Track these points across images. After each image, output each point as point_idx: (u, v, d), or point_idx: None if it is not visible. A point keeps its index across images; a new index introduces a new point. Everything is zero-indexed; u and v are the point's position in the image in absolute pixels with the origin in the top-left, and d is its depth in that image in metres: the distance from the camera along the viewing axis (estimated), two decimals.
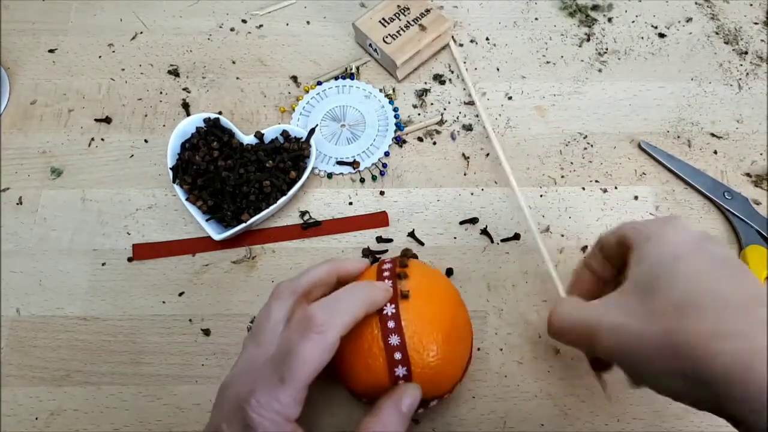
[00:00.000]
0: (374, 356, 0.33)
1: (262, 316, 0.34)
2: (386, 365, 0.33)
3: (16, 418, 0.40)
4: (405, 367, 0.33)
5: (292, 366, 0.30)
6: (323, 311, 0.31)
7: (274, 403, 0.29)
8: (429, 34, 0.50)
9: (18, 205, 0.47)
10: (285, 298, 0.34)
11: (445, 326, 0.34)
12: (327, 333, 0.30)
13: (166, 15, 0.55)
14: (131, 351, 0.42)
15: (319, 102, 0.51)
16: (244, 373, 0.32)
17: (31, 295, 0.44)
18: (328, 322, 0.30)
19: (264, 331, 0.33)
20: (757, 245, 0.44)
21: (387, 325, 0.33)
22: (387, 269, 0.36)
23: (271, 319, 0.33)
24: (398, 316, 0.33)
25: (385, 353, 0.33)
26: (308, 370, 0.30)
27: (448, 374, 0.35)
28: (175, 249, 0.45)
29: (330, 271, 0.36)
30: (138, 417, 0.40)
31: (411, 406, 0.32)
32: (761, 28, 0.55)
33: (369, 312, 0.33)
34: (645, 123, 0.50)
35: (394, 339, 0.33)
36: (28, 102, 0.51)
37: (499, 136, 0.50)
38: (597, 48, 0.54)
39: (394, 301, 0.34)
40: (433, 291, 0.36)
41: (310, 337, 0.30)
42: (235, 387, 0.31)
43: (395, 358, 0.33)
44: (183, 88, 0.52)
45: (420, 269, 0.37)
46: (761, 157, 0.49)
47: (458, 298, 0.38)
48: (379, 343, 0.33)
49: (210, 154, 0.45)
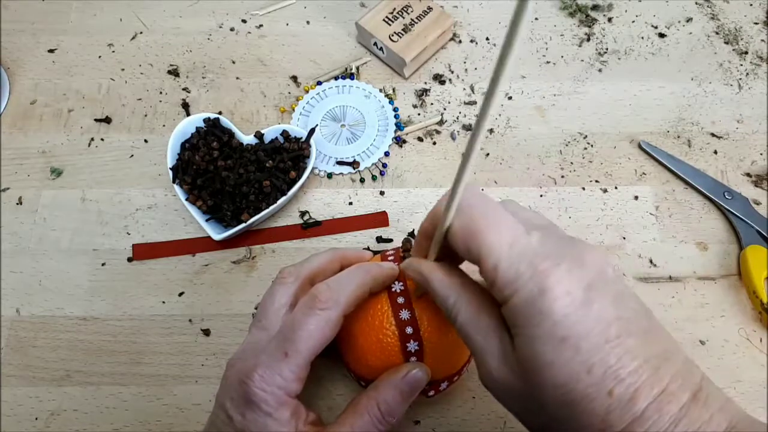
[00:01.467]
0: (385, 332, 0.33)
1: (266, 299, 0.34)
2: (398, 341, 0.33)
3: (16, 418, 0.40)
4: (417, 342, 0.33)
5: (295, 341, 0.30)
6: (327, 289, 0.31)
7: (277, 378, 0.29)
8: (434, 31, 0.50)
9: (18, 205, 0.47)
10: (289, 282, 0.34)
11: None
12: (331, 309, 0.30)
13: (166, 15, 0.55)
14: (131, 351, 0.42)
15: (319, 102, 0.51)
16: (248, 352, 0.32)
17: (31, 295, 0.44)
18: (331, 298, 0.31)
19: (268, 315, 0.33)
20: (757, 245, 0.44)
21: (396, 301, 0.33)
22: (391, 254, 0.36)
23: (275, 303, 0.33)
24: (407, 291, 0.33)
25: (396, 328, 0.33)
26: (312, 344, 0.30)
27: (458, 352, 0.35)
28: (175, 249, 0.45)
29: (333, 258, 0.36)
30: (138, 417, 0.40)
31: (413, 386, 0.32)
32: (761, 28, 0.55)
33: (374, 289, 0.33)
34: (645, 123, 0.50)
35: (404, 314, 0.33)
36: (28, 102, 0.51)
37: (499, 136, 0.50)
38: (597, 48, 0.54)
39: (401, 278, 0.34)
40: None
41: (315, 312, 0.30)
42: (239, 364, 0.31)
43: (407, 333, 0.33)
44: (183, 88, 0.52)
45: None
46: (761, 157, 0.49)
47: None
48: (390, 318, 0.33)
49: (210, 154, 0.45)
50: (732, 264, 0.45)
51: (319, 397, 0.40)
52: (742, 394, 0.41)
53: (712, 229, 0.46)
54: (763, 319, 0.42)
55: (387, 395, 0.32)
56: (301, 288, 0.34)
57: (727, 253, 0.45)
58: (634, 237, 0.46)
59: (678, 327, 0.43)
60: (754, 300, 0.43)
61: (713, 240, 0.46)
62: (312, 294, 0.31)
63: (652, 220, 0.47)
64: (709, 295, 0.44)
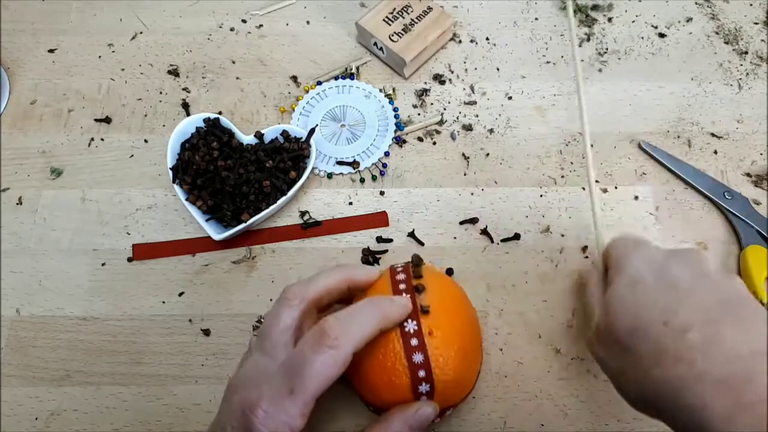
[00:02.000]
0: (398, 374, 0.33)
1: (271, 322, 0.33)
2: (410, 382, 0.33)
3: (16, 418, 0.40)
4: (429, 384, 0.33)
5: (303, 378, 0.29)
6: (338, 325, 0.30)
7: (281, 415, 0.29)
8: (434, 31, 0.50)
9: (18, 205, 0.47)
10: (294, 304, 0.33)
11: (464, 338, 0.35)
12: (340, 348, 0.30)
13: (166, 15, 0.55)
14: (131, 351, 0.42)
15: (319, 102, 0.51)
16: (253, 379, 0.31)
17: (31, 295, 0.44)
18: (342, 336, 0.30)
19: (272, 339, 0.32)
20: (757, 245, 0.44)
21: (410, 343, 0.33)
22: (402, 280, 0.35)
23: (280, 326, 0.32)
24: (421, 332, 0.33)
25: (409, 371, 0.32)
26: (319, 383, 0.29)
27: (466, 384, 0.36)
28: (175, 249, 0.45)
29: (341, 279, 0.35)
30: (138, 417, 0.40)
31: (422, 423, 0.32)
32: (761, 28, 0.55)
33: (385, 328, 0.32)
34: (645, 123, 0.50)
35: (417, 357, 0.32)
36: (28, 102, 0.51)
37: (499, 136, 0.50)
38: (597, 48, 0.54)
39: (415, 317, 0.33)
40: (451, 303, 0.36)
41: (323, 350, 0.29)
42: (244, 392, 0.31)
43: (419, 376, 0.32)
44: (183, 88, 0.52)
45: (435, 279, 0.36)
46: (761, 157, 0.49)
47: (470, 304, 0.38)
48: (403, 360, 0.32)
49: (210, 154, 0.45)
50: (732, 264, 0.45)
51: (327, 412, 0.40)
52: None
53: (712, 229, 0.46)
54: None
55: (397, 429, 0.32)
56: (307, 310, 0.33)
57: (727, 253, 0.45)
58: None
59: None
60: None
61: (713, 240, 0.46)
62: (321, 329, 0.30)
63: (652, 220, 0.47)
64: None
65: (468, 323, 0.36)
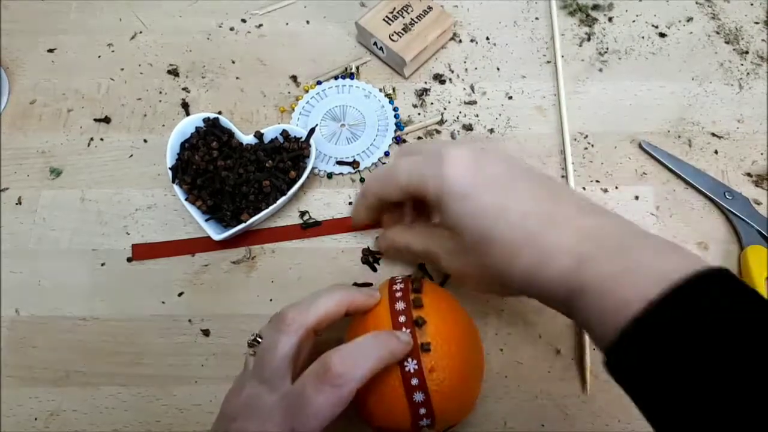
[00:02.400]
0: (398, 412, 0.32)
1: (268, 349, 0.32)
2: (410, 418, 0.33)
3: (16, 418, 0.40)
4: (429, 419, 0.33)
5: (304, 418, 0.29)
6: (341, 362, 0.30)
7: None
8: (434, 31, 0.50)
9: (17, 205, 0.47)
10: (292, 332, 0.32)
11: (466, 366, 0.34)
12: (344, 387, 0.29)
13: (166, 15, 0.55)
14: (131, 351, 0.42)
15: (318, 102, 0.51)
16: (252, 411, 0.31)
17: (30, 295, 0.44)
18: (345, 375, 0.29)
19: (270, 367, 0.31)
20: (758, 245, 0.44)
21: (410, 382, 0.32)
22: (402, 311, 0.34)
23: (278, 355, 0.31)
24: (421, 371, 0.32)
25: (409, 410, 0.32)
26: (320, 422, 0.29)
27: (468, 407, 0.36)
28: (175, 249, 0.45)
29: (341, 304, 0.34)
30: (138, 417, 0.40)
31: None
32: (762, 28, 0.55)
33: (388, 364, 0.32)
34: (645, 123, 0.50)
35: (418, 396, 0.32)
36: (27, 102, 0.51)
37: (500, 136, 0.50)
38: (597, 47, 0.54)
39: (416, 355, 0.32)
40: (453, 333, 0.35)
41: (326, 389, 0.29)
42: (243, 422, 0.30)
43: (420, 413, 0.32)
44: (182, 87, 0.52)
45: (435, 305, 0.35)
46: (762, 156, 0.49)
47: (471, 324, 0.37)
48: (403, 400, 0.32)
49: (209, 154, 0.45)
50: (732, 264, 0.45)
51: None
52: None
53: (712, 229, 0.46)
54: None
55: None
56: (306, 336, 0.33)
57: (727, 253, 0.45)
58: None
59: None
60: None
61: (714, 240, 0.46)
62: (324, 365, 0.30)
63: (652, 220, 0.47)
64: None
65: (470, 348, 0.35)
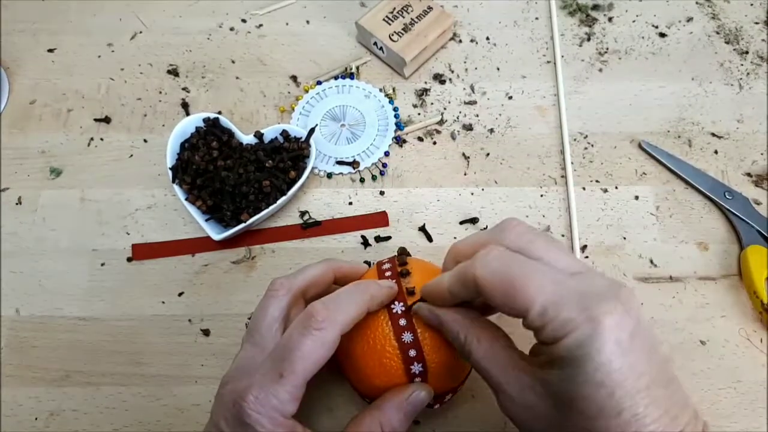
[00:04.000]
0: (389, 355, 0.33)
1: (259, 314, 0.34)
2: (402, 363, 0.32)
3: (16, 418, 0.40)
4: (420, 364, 0.32)
5: (291, 361, 0.29)
6: (324, 308, 0.30)
7: (272, 399, 0.29)
8: (434, 31, 0.50)
9: (17, 205, 0.47)
10: (281, 296, 0.33)
11: None
12: (327, 329, 0.30)
13: (166, 15, 0.55)
14: (131, 351, 0.42)
15: (318, 102, 0.51)
16: (242, 370, 0.32)
17: (30, 295, 0.44)
18: (328, 318, 0.30)
19: (260, 329, 0.33)
20: (758, 245, 0.44)
21: (398, 323, 0.33)
22: (387, 269, 0.36)
23: (267, 317, 0.33)
24: (408, 312, 0.33)
25: (399, 351, 0.32)
26: (307, 365, 0.29)
27: (461, 367, 0.35)
28: (175, 249, 0.45)
29: (327, 270, 0.36)
30: (137, 417, 0.40)
31: (416, 407, 0.32)
32: (762, 28, 0.55)
33: (371, 309, 0.32)
34: (645, 123, 0.50)
35: (407, 336, 0.32)
36: (27, 102, 0.51)
37: (500, 136, 0.50)
38: (597, 47, 0.54)
39: (401, 298, 0.33)
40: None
41: (311, 332, 0.30)
42: (233, 384, 0.31)
43: (410, 356, 0.32)
44: (182, 87, 0.52)
45: (420, 265, 0.37)
46: (762, 156, 0.49)
47: None
48: (392, 341, 0.32)
49: (209, 154, 0.45)
50: (732, 264, 0.45)
51: (319, 399, 0.40)
52: (742, 394, 0.41)
53: (712, 229, 0.46)
54: (764, 320, 0.42)
55: (390, 415, 0.32)
56: (294, 301, 0.34)
57: (727, 253, 0.45)
58: (635, 237, 0.46)
59: (678, 327, 0.43)
60: (755, 300, 0.42)
61: (714, 240, 0.46)
62: (308, 312, 0.30)
63: (652, 220, 0.47)
64: (709, 296, 0.44)
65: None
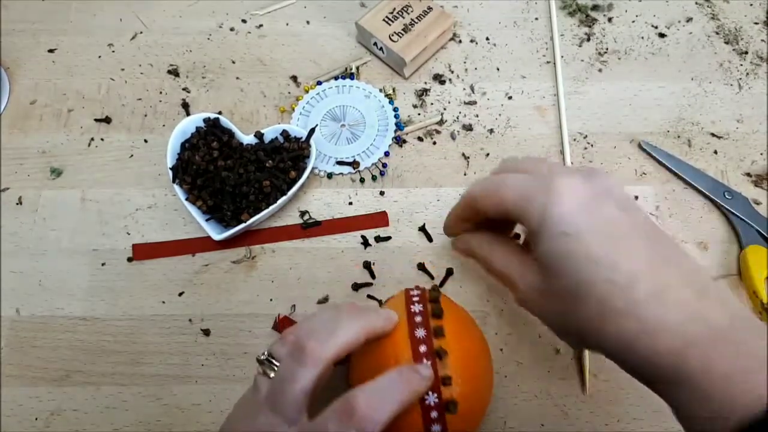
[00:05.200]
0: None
1: (286, 381, 0.30)
2: None
3: (16, 418, 0.40)
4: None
5: None
6: (367, 405, 0.28)
7: None
8: (434, 31, 0.50)
9: (18, 205, 0.47)
10: (312, 365, 0.30)
11: (483, 391, 0.34)
12: (367, 429, 0.28)
13: (166, 15, 0.55)
14: (131, 351, 0.42)
15: (319, 102, 0.51)
16: (254, 429, 0.30)
17: (31, 295, 0.44)
18: (371, 417, 0.28)
19: (287, 400, 0.29)
20: (758, 245, 0.44)
21: (430, 416, 0.31)
22: (422, 340, 0.33)
23: (297, 389, 0.30)
24: (441, 405, 0.31)
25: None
26: None
27: (479, 423, 0.35)
28: (175, 249, 0.45)
29: (360, 333, 0.32)
30: (138, 417, 0.40)
31: None
32: (761, 28, 0.55)
33: (412, 401, 0.31)
34: (645, 123, 0.50)
35: (436, 428, 0.31)
36: (27, 102, 0.51)
37: (500, 136, 0.50)
38: (597, 48, 0.54)
39: (436, 389, 0.32)
40: (472, 364, 0.34)
41: (349, 431, 0.28)
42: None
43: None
44: (183, 87, 0.52)
45: (454, 330, 0.34)
46: (761, 156, 0.49)
47: (487, 349, 0.37)
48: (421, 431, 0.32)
49: (210, 154, 0.45)
50: (732, 264, 0.45)
51: None
52: None
53: (712, 229, 0.46)
54: (764, 319, 0.42)
55: None
56: (325, 371, 0.31)
57: (727, 253, 0.45)
58: None
59: None
60: (754, 300, 0.43)
61: (713, 240, 0.46)
62: (349, 406, 0.28)
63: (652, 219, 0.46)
64: None
65: (486, 373, 0.35)
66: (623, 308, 0.27)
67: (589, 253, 0.28)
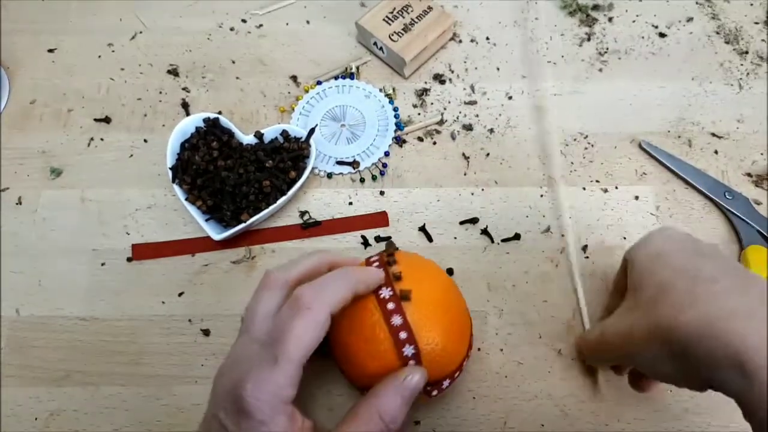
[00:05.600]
0: (379, 340, 0.33)
1: (253, 305, 0.33)
2: (393, 347, 0.32)
3: (16, 418, 0.40)
4: (412, 346, 0.32)
5: (284, 344, 0.29)
6: (311, 290, 0.31)
7: (270, 385, 0.29)
8: (434, 31, 0.50)
9: (18, 205, 0.47)
10: (276, 288, 0.33)
11: (442, 302, 0.35)
12: (316, 309, 0.30)
13: (166, 15, 0.55)
14: (131, 351, 0.42)
15: (318, 102, 0.51)
16: (238, 360, 0.31)
17: (30, 295, 0.44)
18: (316, 299, 0.30)
19: (255, 321, 0.32)
20: (758, 245, 0.44)
21: (387, 308, 0.33)
22: (375, 260, 0.36)
23: (262, 309, 0.32)
24: (396, 296, 0.33)
25: (390, 335, 0.32)
26: (301, 347, 0.29)
27: (455, 350, 0.35)
28: (175, 249, 0.45)
29: (322, 262, 0.35)
30: (138, 417, 0.40)
31: (412, 391, 0.32)
32: (762, 28, 0.55)
33: (359, 292, 0.33)
34: (646, 123, 0.50)
35: (396, 319, 0.33)
36: (27, 102, 0.51)
37: (500, 136, 0.50)
38: (597, 48, 0.54)
39: (389, 283, 0.34)
40: (423, 271, 0.37)
41: (300, 313, 0.30)
42: (230, 373, 0.31)
43: (401, 338, 0.32)
44: (182, 87, 0.52)
45: (406, 255, 0.37)
46: (762, 156, 0.49)
47: (446, 276, 0.39)
48: (383, 325, 0.33)
49: (209, 154, 0.45)
50: None
51: (318, 399, 0.40)
52: None
53: (712, 229, 0.46)
54: None
55: (387, 401, 0.31)
56: (289, 293, 0.33)
57: (727, 253, 0.45)
58: (635, 237, 0.46)
59: None
60: None
61: (714, 240, 0.46)
62: (296, 296, 0.31)
63: (652, 220, 0.47)
64: None
65: (446, 290, 0.37)
66: (703, 294, 0.29)
67: (673, 262, 0.32)
